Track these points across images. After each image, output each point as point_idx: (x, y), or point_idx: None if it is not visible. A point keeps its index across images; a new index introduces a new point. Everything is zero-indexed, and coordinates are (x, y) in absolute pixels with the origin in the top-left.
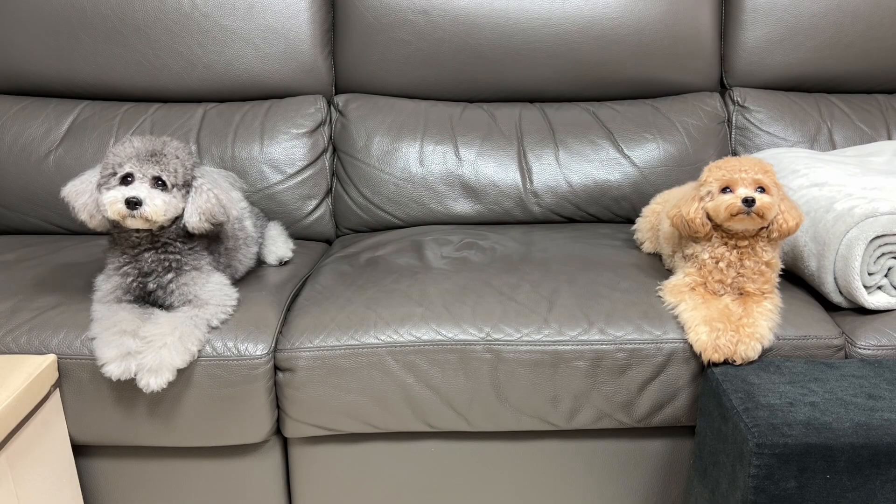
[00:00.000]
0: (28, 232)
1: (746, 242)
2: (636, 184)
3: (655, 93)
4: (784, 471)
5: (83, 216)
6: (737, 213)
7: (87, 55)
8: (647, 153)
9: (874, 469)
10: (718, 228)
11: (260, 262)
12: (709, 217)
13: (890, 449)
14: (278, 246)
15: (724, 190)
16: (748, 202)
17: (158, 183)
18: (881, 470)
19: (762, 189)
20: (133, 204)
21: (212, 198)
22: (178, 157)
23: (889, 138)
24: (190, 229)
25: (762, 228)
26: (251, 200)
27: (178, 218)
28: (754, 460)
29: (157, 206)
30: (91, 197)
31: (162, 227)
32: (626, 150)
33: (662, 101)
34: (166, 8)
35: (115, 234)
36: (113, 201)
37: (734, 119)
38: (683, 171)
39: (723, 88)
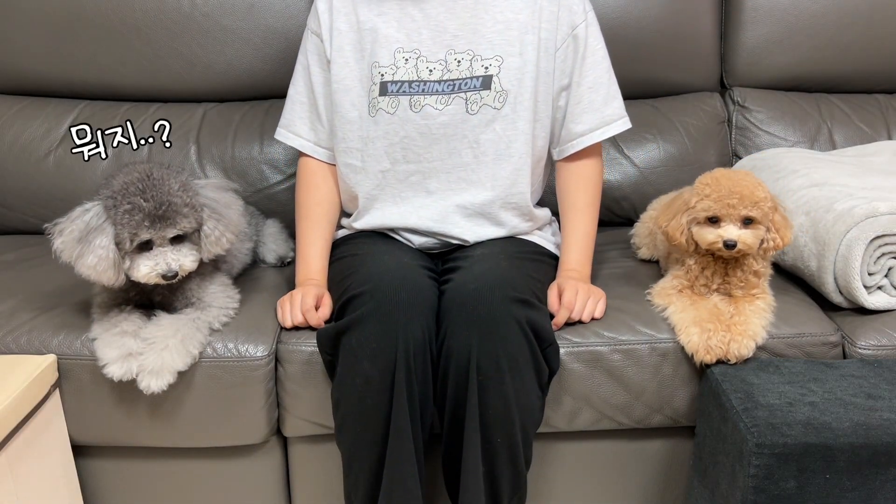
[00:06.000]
0: (28, 232)
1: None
2: (636, 184)
3: (655, 93)
4: (784, 471)
5: (95, 277)
6: (718, 250)
7: (86, 55)
8: (647, 153)
9: (874, 469)
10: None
11: (259, 261)
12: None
13: (889, 449)
14: (279, 244)
15: (712, 219)
16: (729, 246)
17: (177, 239)
18: (881, 470)
19: (749, 220)
20: (171, 277)
21: (223, 241)
22: (186, 205)
23: (889, 138)
24: (204, 260)
25: None
26: (250, 201)
27: None
28: (754, 460)
29: (189, 266)
30: (111, 263)
31: None
32: (626, 150)
33: (662, 101)
34: (166, 8)
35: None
36: (148, 275)
37: (734, 119)
38: (683, 171)
39: (723, 88)
